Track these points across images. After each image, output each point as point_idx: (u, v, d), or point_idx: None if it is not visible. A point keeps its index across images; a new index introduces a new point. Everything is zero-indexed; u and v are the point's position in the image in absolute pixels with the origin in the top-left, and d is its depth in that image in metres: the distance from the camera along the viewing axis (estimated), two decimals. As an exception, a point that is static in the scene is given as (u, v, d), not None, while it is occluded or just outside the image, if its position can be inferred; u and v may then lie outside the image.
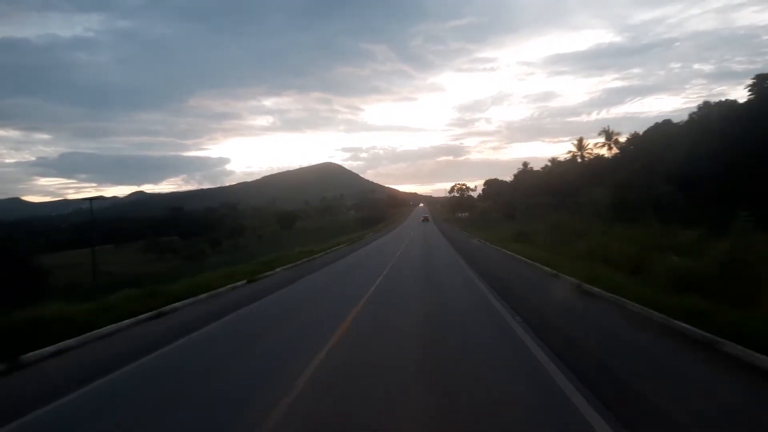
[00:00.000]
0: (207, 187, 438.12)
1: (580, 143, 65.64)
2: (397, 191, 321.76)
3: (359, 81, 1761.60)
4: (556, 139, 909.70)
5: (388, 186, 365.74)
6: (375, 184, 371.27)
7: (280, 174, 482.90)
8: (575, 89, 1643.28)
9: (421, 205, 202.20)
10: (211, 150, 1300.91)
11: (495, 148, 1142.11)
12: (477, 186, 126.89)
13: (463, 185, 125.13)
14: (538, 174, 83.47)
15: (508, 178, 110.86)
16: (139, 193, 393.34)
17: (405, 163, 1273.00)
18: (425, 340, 6.25)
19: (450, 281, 12.06)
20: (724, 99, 38.00)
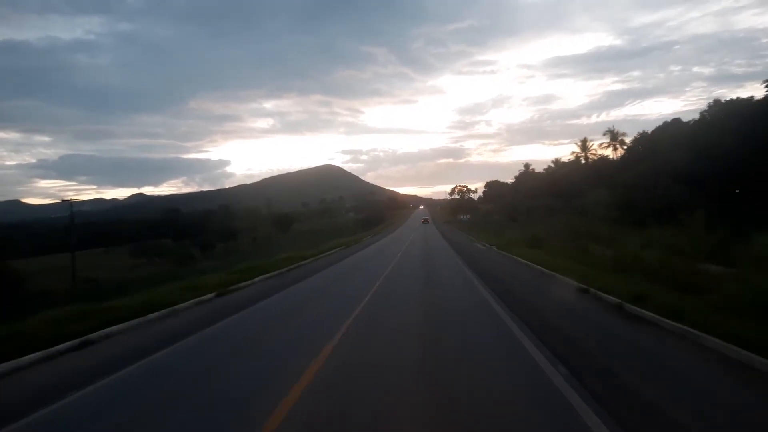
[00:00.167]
0: (207, 189, 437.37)
1: (584, 144, 64.02)
2: (397, 193, 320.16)
3: (360, 83, 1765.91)
4: (556, 142, 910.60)
5: (388, 188, 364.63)
6: (375, 186, 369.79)
7: (280, 176, 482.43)
8: (575, 92, 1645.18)
9: (421, 207, 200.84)
10: (211, 152, 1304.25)
11: (495, 151, 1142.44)
12: (477, 188, 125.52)
13: (464, 187, 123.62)
14: (540, 176, 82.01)
15: (509, 181, 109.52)
16: (139, 196, 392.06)
17: (405, 166, 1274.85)
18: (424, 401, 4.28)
19: (458, 306, 9.25)
20: (735, 97, 36.39)
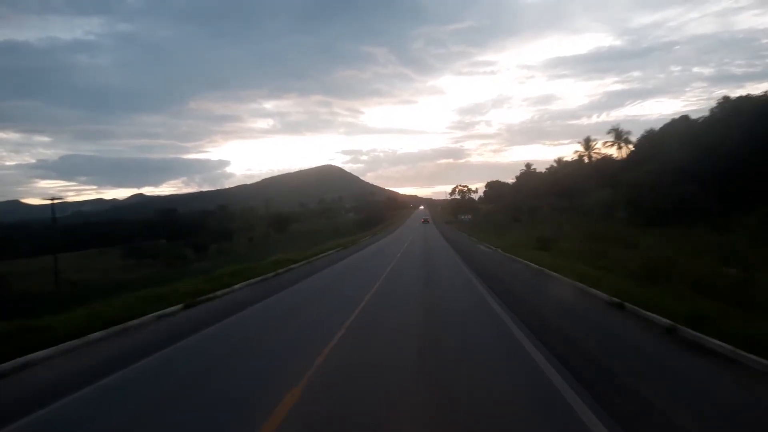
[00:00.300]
0: (207, 189, 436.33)
1: (588, 143, 62.63)
2: (397, 194, 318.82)
3: (360, 84, 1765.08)
4: (556, 142, 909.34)
5: (388, 188, 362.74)
6: (375, 186, 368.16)
7: (279, 176, 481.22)
8: (575, 92, 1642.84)
9: (421, 207, 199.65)
10: (211, 152, 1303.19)
11: (495, 151, 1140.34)
12: (478, 188, 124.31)
13: (465, 187, 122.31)
14: (542, 175, 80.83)
15: (510, 181, 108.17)
16: (138, 196, 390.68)
17: (405, 166, 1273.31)
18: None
19: (475, 341, 6.77)
20: (746, 94, 34.96)
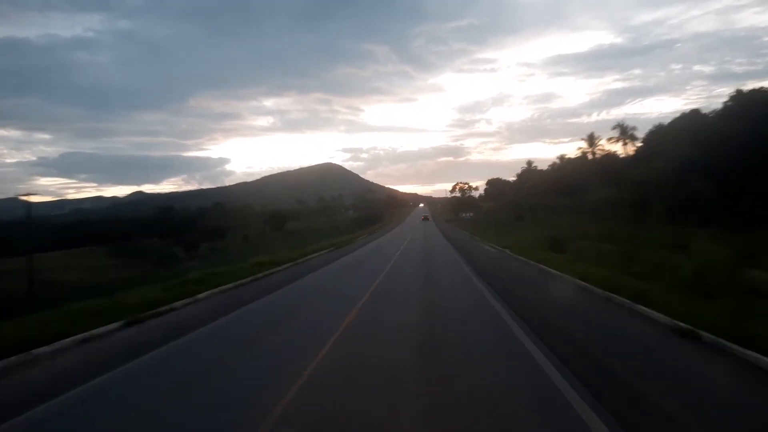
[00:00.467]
0: (207, 187, 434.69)
1: (591, 139, 61.10)
2: (397, 192, 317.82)
3: (360, 82, 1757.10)
4: (556, 140, 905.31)
5: (388, 186, 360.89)
6: (375, 184, 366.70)
7: (280, 174, 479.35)
8: (576, 90, 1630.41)
9: (421, 205, 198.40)
10: (211, 150, 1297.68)
11: (495, 149, 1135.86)
12: (478, 186, 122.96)
13: (465, 184, 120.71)
14: (544, 173, 79.40)
15: (510, 179, 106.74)
16: (138, 193, 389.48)
17: (405, 164, 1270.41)
18: None
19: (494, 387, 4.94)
20: (759, 87, 33.35)
